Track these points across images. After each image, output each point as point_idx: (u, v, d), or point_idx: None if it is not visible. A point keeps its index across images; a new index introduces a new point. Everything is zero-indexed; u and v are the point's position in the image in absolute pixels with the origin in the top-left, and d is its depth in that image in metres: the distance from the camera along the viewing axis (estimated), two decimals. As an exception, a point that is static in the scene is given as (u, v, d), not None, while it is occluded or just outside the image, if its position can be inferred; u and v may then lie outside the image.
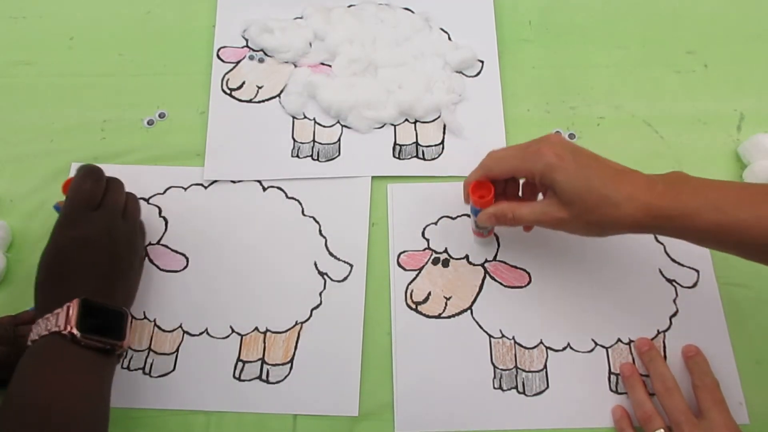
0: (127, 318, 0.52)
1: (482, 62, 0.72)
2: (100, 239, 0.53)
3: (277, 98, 0.71)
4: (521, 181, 0.57)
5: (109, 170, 0.67)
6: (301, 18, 0.75)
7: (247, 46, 0.74)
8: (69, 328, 0.48)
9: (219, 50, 0.74)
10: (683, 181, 0.50)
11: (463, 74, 0.71)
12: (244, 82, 0.72)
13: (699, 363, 0.56)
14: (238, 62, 0.73)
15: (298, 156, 0.68)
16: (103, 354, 0.50)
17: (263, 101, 0.71)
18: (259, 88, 0.71)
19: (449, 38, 0.73)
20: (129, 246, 0.57)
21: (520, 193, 0.57)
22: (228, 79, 0.72)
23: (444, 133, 0.69)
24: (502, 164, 0.54)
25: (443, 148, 0.68)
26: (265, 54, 0.73)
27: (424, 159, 0.68)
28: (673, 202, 0.48)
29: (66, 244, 0.53)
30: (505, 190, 0.56)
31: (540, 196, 0.56)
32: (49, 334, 0.48)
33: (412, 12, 0.75)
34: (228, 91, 0.71)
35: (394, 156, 0.68)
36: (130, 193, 0.60)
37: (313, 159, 0.68)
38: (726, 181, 0.50)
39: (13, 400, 0.47)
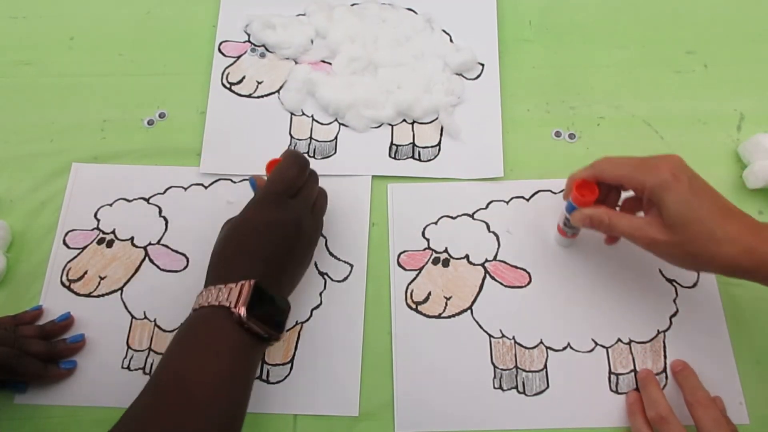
0: (289, 312, 0.52)
1: (482, 65, 0.72)
2: (289, 228, 0.53)
3: (277, 94, 0.71)
4: (623, 196, 0.56)
5: (109, 170, 0.68)
6: (303, 15, 0.75)
7: (249, 41, 0.74)
8: (238, 308, 0.47)
9: (221, 44, 0.74)
10: None
11: (463, 76, 0.72)
12: (244, 77, 0.72)
13: (688, 377, 0.56)
14: (239, 57, 0.73)
15: (294, 152, 0.68)
16: (258, 340, 0.49)
17: (262, 96, 0.71)
18: (259, 83, 0.72)
19: (451, 40, 0.73)
20: (311, 241, 0.57)
21: (618, 207, 0.57)
22: (228, 74, 0.72)
23: (441, 134, 0.69)
24: (616, 169, 0.52)
25: (439, 149, 0.68)
26: (267, 49, 0.74)
27: (420, 160, 0.68)
28: None
29: (257, 223, 0.53)
30: (606, 199, 0.55)
31: (640, 215, 0.55)
32: (218, 306, 0.48)
33: (415, 12, 0.75)
34: (228, 86, 0.71)
35: (390, 156, 0.68)
36: (322, 188, 0.60)
37: (309, 156, 0.68)
38: None
39: (167, 364, 0.48)
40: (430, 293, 0.61)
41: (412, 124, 0.69)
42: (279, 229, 0.53)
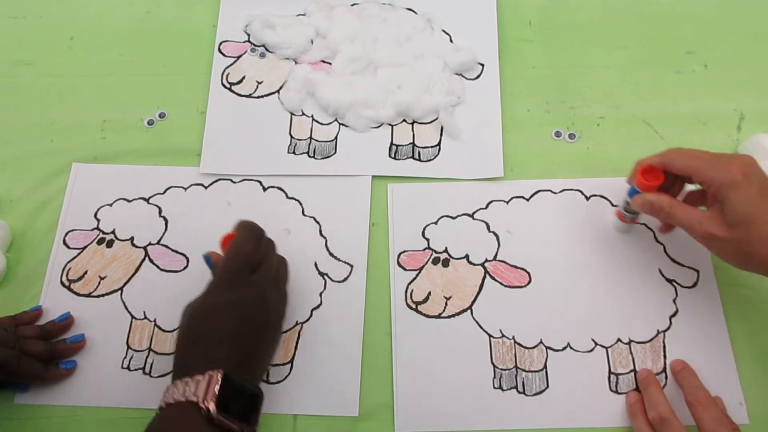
0: (262, 401, 0.49)
1: (482, 65, 0.72)
2: (254, 307, 0.51)
3: (277, 94, 0.71)
4: (687, 189, 0.57)
5: (109, 170, 0.68)
6: (303, 15, 0.75)
7: (249, 41, 0.74)
8: (206, 404, 0.44)
9: (221, 44, 0.74)
10: None
11: (463, 76, 0.71)
12: (244, 77, 0.72)
13: (688, 377, 0.56)
14: (239, 57, 0.73)
15: (294, 152, 0.68)
16: None
17: (262, 96, 0.71)
18: (259, 83, 0.72)
19: (450, 40, 0.73)
20: (278, 315, 0.54)
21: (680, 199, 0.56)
22: (228, 74, 0.72)
23: (441, 134, 0.69)
24: (686, 160, 0.52)
25: (439, 149, 0.68)
26: (267, 49, 0.74)
27: (420, 160, 0.67)
28: None
29: (220, 305, 0.50)
30: (670, 188, 0.55)
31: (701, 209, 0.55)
32: (185, 402, 0.45)
33: (415, 12, 0.75)
34: (228, 86, 0.72)
35: (390, 156, 0.68)
36: (281, 256, 0.58)
37: (309, 156, 0.68)
38: None
39: None
40: (430, 293, 0.61)
41: (412, 124, 0.69)
42: (243, 309, 0.50)
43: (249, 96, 0.71)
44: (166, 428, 0.46)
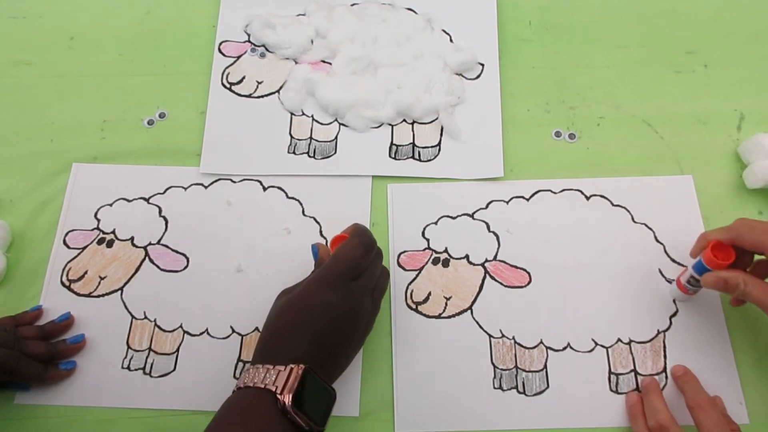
0: (334, 402, 0.49)
1: (482, 65, 0.72)
2: (347, 315, 0.51)
3: (277, 94, 0.71)
4: (756, 258, 0.54)
5: (109, 170, 0.68)
6: (303, 15, 0.75)
7: (249, 41, 0.74)
8: (284, 395, 0.45)
9: (221, 44, 0.74)
10: None
11: (463, 76, 0.72)
12: (244, 77, 0.72)
13: (689, 382, 0.56)
14: (239, 57, 0.73)
15: (294, 152, 0.68)
16: (298, 430, 0.46)
17: (262, 96, 0.71)
18: (259, 83, 0.72)
19: (451, 40, 0.73)
20: (367, 327, 0.54)
21: (747, 268, 0.54)
22: (228, 74, 0.72)
23: (441, 135, 0.69)
24: (757, 236, 0.50)
25: (440, 149, 0.68)
26: (267, 49, 0.74)
27: (420, 160, 0.67)
28: None
29: (315, 304, 0.50)
30: (739, 259, 0.52)
31: None
32: (263, 389, 0.46)
33: (415, 12, 0.75)
34: (228, 86, 0.72)
35: (390, 156, 0.68)
36: (384, 268, 0.57)
37: (309, 156, 0.68)
38: None
39: None
40: (430, 293, 0.61)
41: (412, 124, 0.69)
42: (337, 314, 0.50)
43: (249, 96, 0.71)
44: (240, 410, 0.46)
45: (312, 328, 0.50)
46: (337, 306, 0.50)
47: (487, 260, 0.63)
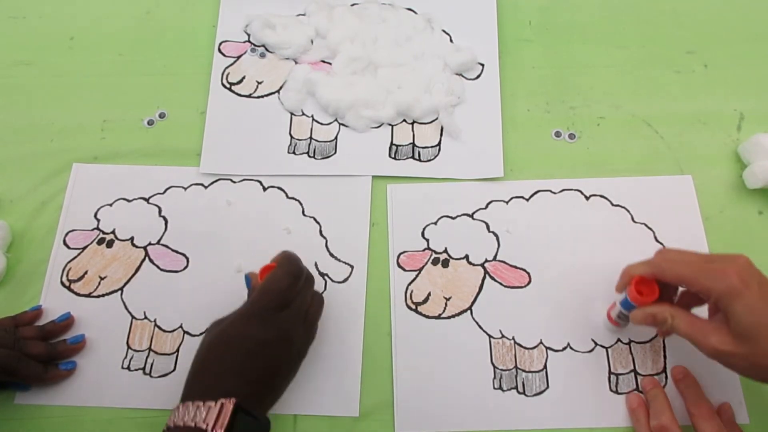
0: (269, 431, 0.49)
1: (482, 65, 0.72)
2: (277, 347, 0.50)
3: (277, 94, 0.71)
4: (681, 289, 0.53)
5: (109, 170, 0.68)
6: (303, 15, 0.75)
7: (249, 41, 0.74)
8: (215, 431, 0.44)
9: (221, 44, 0.74)
10: None
11: (463, 77, 0.72)
12: (244, 77, 0.72)
13: (690, 387, 0.56)
14: (239, 57, 0.73)
15: (294, 153, 0.68)
16: None
17: (262, 96, 0.71)
18: (259, 83, 0.72)
19: (451, 40, 0.73)
20: (300, 354, 0.54)
21: (675, 298, 0.53)
22: (228, 74, 0.72)
23: (441, 135, 0.69)
24: (678, 270, 0.49)
25: (440, 150, 0.68)
26: (267, 49, 0.74)
27: (420, 160, 0.67)
28: None
29: (242, 340, 0.50)
30: (664, 291, 0.52)
31: (698, 310, 0.52)
32: (194, 428, 0.44)
33: (415, 13, 0.75)
34: (228, 86, 0.72)
35: (390, 156, 0.68)
36: (317, 293, 0.57)
37: (309, 156, 0.68)
38: None
39: None
40: (429, 294, 0.61)
41: (412, 124, 0.69)
42: (266, 347, 0.50)
43: (249, 96, 0.71)
44: None
45: (241, 363, 0.49)
46: (265, 340, 0.50)
47: (486, 260, 0.63)
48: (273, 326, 0.50)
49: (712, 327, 0.48)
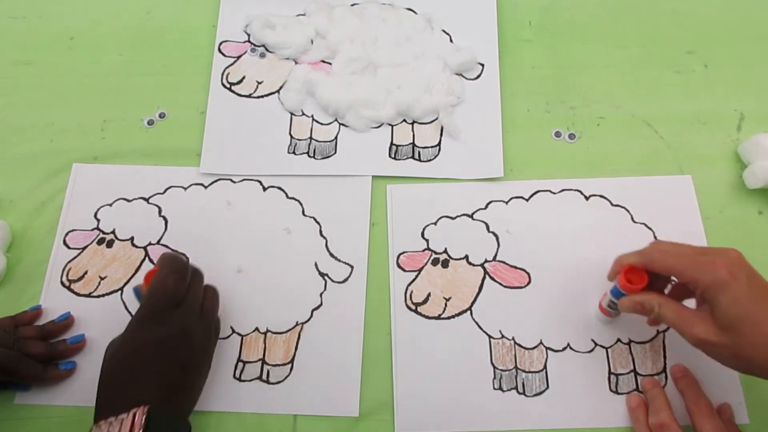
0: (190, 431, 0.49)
1: (482, 65, 0.72)
2: (175, 342, 0.51)
3: (277, 94, 0.71)
4: (674, 280, 0.54)
5: (109, 170, 0.68)
6: (303, 15, 0.75)
7: (249, 41, 0.74)
8: None
9: (221, 44, 0.74)
10: None
11: (463, 76, 0.72)
12: (244, 77, 0.72)
13: (690, 385, 0.56)
14: (239, 57, 0.73)
15: (294, 153, 0.68)
16: None
17: (262, 96, 0.71)
18: (259, 83, 0.72)
19: (451, 40, 0.73)
20: (204, 347, 0.54)
21: (666, 290, 0.54)
22: (228, 74, 0.72)
23: (441, 135, 0.69)
24: (668, 261, 0.49)
25: (440, 150, 0.68)
26: (267, 49, 0.74)
27: (420, 160, 0.67)
28: None
29: (141, 344, 0.51)
30: (655, 281, 0.52)
31: (688, 302, 0.52)
32: None
33: (415, 12, 0.75)
34: (228, 86, 0.72)
35: (390, 156, 0.68)
36: (209, 286, 0.58)
37: (309, 156, 0.68)
38: None
39: None
40: (429, 294, 0.61)
41: (412, 124, 0.69)
42: (167, 347, 0.50)
43: (249, 96, 0.71)
44: None
45: (147, 369, 0.49)
46: (165, 340, 0.50)
47: (486, 261, 0.63)
48: (170, 325, 0.51)
49: (698, 317, 0.48)
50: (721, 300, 0.46)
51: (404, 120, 0.70)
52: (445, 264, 0.63)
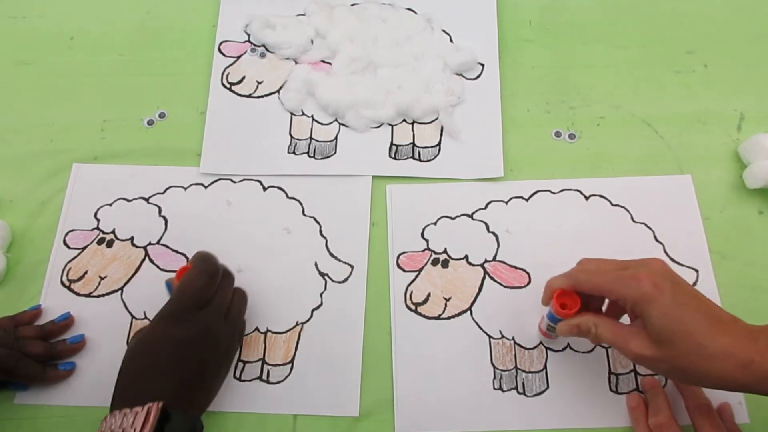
0: (202, 431, 0.49)
1: (482, 65, 0.72)
2: (199, 345, 0.51)
3: (277, 94, 0.71)
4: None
5: (109, 170, 0.68)
6: (303, 15, 0.75)
7: (249, 41, 0.74)
8: None
9: (221, 44, 0.74)
10: None
11: (463, 76, 0.71)
12: (244, 77, 0.72)
13: (689, 385, 0.56)
14: (239, 57, 0.73)
15: (294, 153, 0.68)
16: None
17: (262, 96, 0.71)
18: (259, 83, 0.72)
19: (451, 40, 0.73)
20: (227, 350, 0.55)
21: (603, 308, 0.53)
22: (228, 74, 0.72)
23: (441, 135, 0.69)
24: (593, 280, 0.49)
25: (439, 150, 0.68)
26: (267, 49, 0.74)
27: (420, 160, 0.67)
28: None
29: (164, 341, 0.51)
30: (589, 301, 0.52)
31: (624, 318, 0.52)
32: None
33: (415, 12, 0.75)
34: (228, 86, 0.72)
35: (390, 156, 0.68)
36: (239, 289, 0.58)
37: (309, 156, 0.68)
38: None
39: None
40: (429, 294, 0.61)
41: (412, 124, 0.69)
42: (188, 347, 0.51)
43: (249, 96, 0.71)
44: None
45: (166, 366, 0.50)
46: (187, 339, 0.51)
47: (486, 261, 0.63)
48: (193, 325, 0.51)
49: (633, 332, 0.47)
50: (650, 313, 0.45)
51: (404, 120, 0.70)
52: (444, 264, 0.63)
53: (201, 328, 0.52)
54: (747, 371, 0.43)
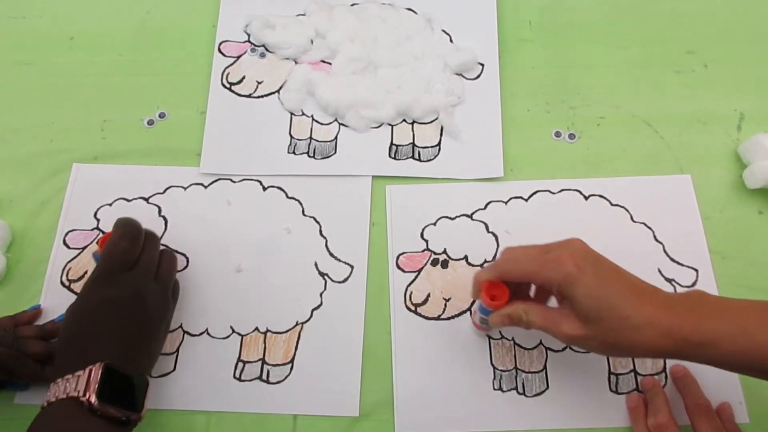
0: (147, 387, 0.50)
1: (482, 65, 0.72)
2: (129, 303, 0.52)
3: (277, 94, 0.71)
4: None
5: (109, 170, 0.68)
6: (303, 15, 0.75)
7: (248, 41, 0.74)
8: (88, 396, 0.45)
9: (220, 44, 0.74)
10: (702, 303, 0.47)
11: (463, 77, 0.71)
12: (244, 77, 0.72)
13: (689, 385, 0.56)
14: (239, 57, 0.73)
15: (294, 152, 0.68)
16: (117, 425, 0.47)
17: (262, 96, 0.71)
18: (259, 83, 0.72)
19: (451, 40, 0.73)
20: (158, 311, 0.55)
21: (531, 293, 0.54)
22: (228, 74, 0.72)
23: (441, 135, 0.69)
24: (518, 267, 0.49)
25: (439, 150, 0.68)
26: (267, 49, 0.74)
27: (420, 160, 0.67)
28: (695, 326, 0.44)
29: (95, 304, 0.52)
30: (517, 288, 0.52)
31: (553, 300, 0.53)
32: (66, 398, 0.46)
33: (415, 13, 0.75)
34: (228, 86, 0.72)
35: (390, 156, 0.68)
36: (166, 250, 0.59)
37: (309, 156, 0.68)
38: (747, 301, 0.47)
39: None
40: (429, 295, 0.61)
41: (412, 124, 0.69)
42: (118, 307, 0.51)
43: (249, 96, 0.71)
44: (47, 426, 0.46)
45: (100, 328, 0.51)
46: (115, 300, 0.52)
47: (486, 261, 0.63)
48: (122, 285, 0.52)
49: (562, 314, 0.48)
50: (576, 293, 0.46)
51: (404, 120, 0.70)
52: (444, 264, 0.63)
53: (131, 289, 0.53)
54: (668, 339, 0.45)
